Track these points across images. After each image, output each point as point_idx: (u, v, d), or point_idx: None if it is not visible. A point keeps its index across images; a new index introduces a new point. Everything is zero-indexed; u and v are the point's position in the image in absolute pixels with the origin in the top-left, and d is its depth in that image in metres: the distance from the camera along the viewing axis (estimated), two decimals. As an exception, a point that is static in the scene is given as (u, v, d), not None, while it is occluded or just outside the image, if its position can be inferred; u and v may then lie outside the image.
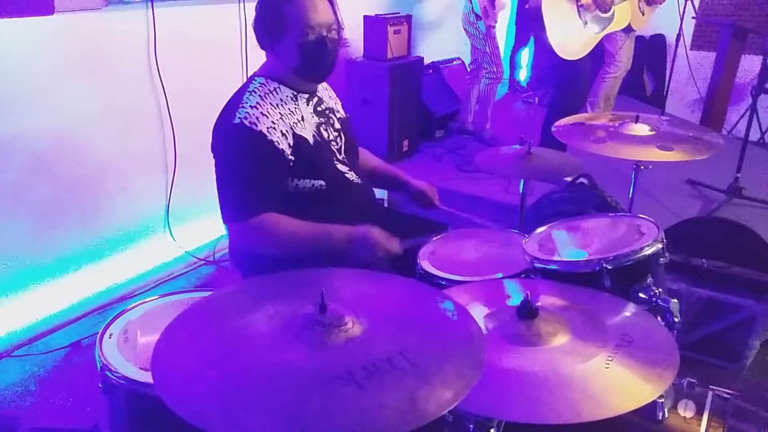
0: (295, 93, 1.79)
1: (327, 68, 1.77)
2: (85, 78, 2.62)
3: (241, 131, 1.67)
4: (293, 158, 1.73)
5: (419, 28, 4.82)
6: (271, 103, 1.72)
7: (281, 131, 1.71)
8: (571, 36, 3.56)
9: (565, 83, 3.86)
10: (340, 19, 1.78)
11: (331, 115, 1.91)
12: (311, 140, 1.78)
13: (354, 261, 1.67)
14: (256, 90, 1.73)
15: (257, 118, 1.68)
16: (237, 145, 1.69)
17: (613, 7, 3.67)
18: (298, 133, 1.75)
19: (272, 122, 1.70)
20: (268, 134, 1.68)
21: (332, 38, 1.73)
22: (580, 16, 3.58)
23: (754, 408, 1.44)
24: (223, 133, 1.73)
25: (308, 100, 1.83)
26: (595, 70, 4.16)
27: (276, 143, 1.69)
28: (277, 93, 1.75)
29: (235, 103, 1.72)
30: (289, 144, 1.72)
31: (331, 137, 1.87)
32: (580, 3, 3.55)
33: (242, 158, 1.69)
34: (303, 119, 1.78)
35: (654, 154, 1.97)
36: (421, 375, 0.93)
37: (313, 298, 1.07)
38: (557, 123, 2.28)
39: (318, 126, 1.83)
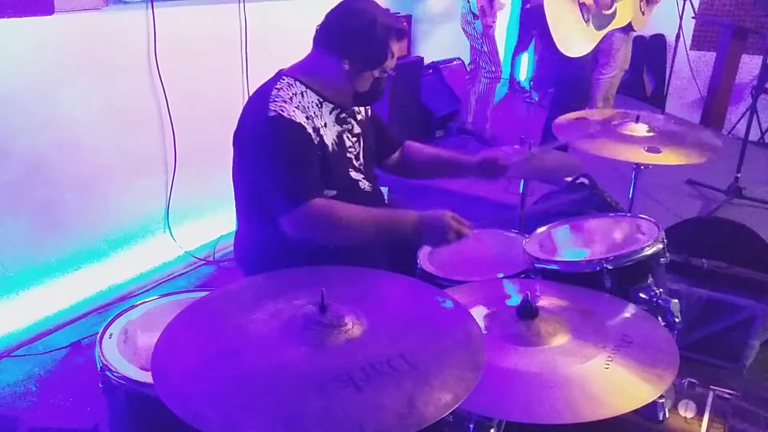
0: (321, 100, 1.79)
1: (373, 103, 1.89)
2: (85, 78, 2.61)
3: (279, 123, 1.67)
4: (320, 155, 1.75)
5: (419, 28, 4.82)
6: (299, 103, 1.73)
7: (312, 127, 1.73)
8: (573, 33, 3.56)
9: (568, 82, 3.85)
10: None
11: (351, 120, 1.89)
12: (330, 148, 1.78)
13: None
14: (284, 88, 1.73)
15: (293, 111, 1.69)
16: (278, 136, 1.68)
17: (615, 4, 3.66)
18: (322, 137, 1.76)
19: (305, 117, 1.72)
20: (305, 126, 1.70)
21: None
22: (582, 13, 3.58)
23: (754, 408, 1.44)
24: (259, 127, 1.71)
25: (332, 110, 1.83)
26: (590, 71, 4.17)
27: (312, 136, 1.72)
28: (303, 96, 1.76)
29: (264, 97, 1.71)
30: (317, 142, 1.74)
31: (349, 144, 1.87)
32: (582, 1, 3.55)
33: (285, 148, 1.68)
34: (326, 125, 1.79)
35: (642, 157, 1.97)
36: (420, 377, 0.93)
37: (313, 298, 1.07)
38: (558, 119, 2.28)
39: (339, 134, 1.83)
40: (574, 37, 3.56)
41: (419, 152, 2.10)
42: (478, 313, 1.30)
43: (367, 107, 1.98)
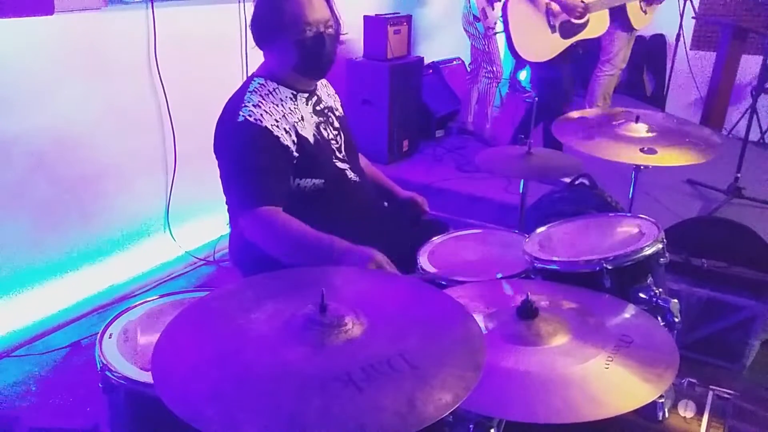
0: (294, 93, 1.79)
1: (326, 64, 1.78)
2: (85, 78, 2.62)
3: (246, 128, 1.67)
4: (297, 155, 1.74)
5: (419, 28, 4.82)
6: (272, 103, 1.73)
7: (284, 128, 1.72)
8: (535, 39, 3.53)
9: (544, 85, 3.83)
10: (337, 15, 1.79)
11: (330, 113, 1.91)
12: (312, 139, 1.78)
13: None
14: (256, 90, 1.74)
15: (261, 115, 1.69)
16: (243, 141, 1.68)
17: (587, 15, 3.63)
18: (299, 131, 1.75)
19: (275, 120, 1.71)
20: (273, 130, 1.69)
21: (329, 34, 1.74)
22: (548, 20, 3.54)
23: (754, 408, 1.44)
24: (227, 132, 1.73)
25: (308, 100, 1.83)
26: (590, 69, 4.16)
27: (281, 138, 1.70)
28: (276, 93, 1.76)
29: (236, 103, 1.72)
30: (293, 141, 1.73)
31: (331, 136, 1.87)
32: (549, 7, 3.52)
33: (248, 153, 1.68)
34: (303, 119, 1.79)
35: (639, 158, 1.97)
36: (420, 377, 0.93)
37: (313, 298, 1.07)
38: (558, 120, 2.29)
39: (318, 125, 1.83)
40: (534, 43, 3.54)
41: (364, 166, 2.10)
42: (478, 313, 1.30)
43: (343, 113, 1.97)
